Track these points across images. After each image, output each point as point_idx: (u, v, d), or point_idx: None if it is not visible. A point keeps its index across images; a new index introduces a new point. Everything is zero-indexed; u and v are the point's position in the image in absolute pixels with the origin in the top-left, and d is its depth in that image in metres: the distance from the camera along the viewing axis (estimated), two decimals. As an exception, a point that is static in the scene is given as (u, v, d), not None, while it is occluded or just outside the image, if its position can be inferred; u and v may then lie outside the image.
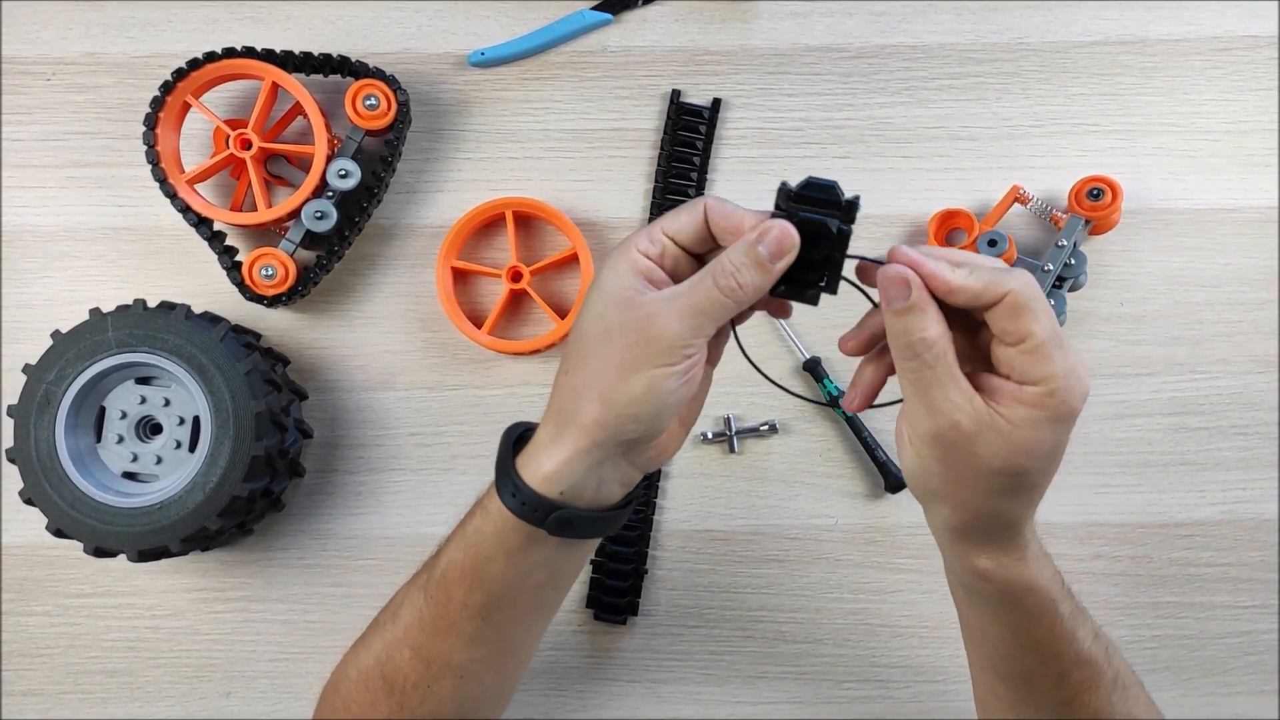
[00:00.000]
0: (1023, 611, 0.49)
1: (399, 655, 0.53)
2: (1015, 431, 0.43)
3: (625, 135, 0.77)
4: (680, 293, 0.45)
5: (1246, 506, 0.74)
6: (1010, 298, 0.42)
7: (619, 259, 0.46)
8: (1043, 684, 0.51)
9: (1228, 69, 0.77)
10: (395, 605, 0.55)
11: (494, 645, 0.54)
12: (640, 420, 0.46)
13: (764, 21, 0.77)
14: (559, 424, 0.47)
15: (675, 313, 0.44)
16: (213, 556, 0.74)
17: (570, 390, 0.47)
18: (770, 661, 0.74)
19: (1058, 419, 0.43)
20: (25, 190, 0.76)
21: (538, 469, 0.47)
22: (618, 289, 0.46)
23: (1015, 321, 0.42)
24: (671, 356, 0.45)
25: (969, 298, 0.43)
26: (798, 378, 0.75)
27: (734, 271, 0.44)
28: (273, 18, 0.77)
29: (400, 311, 0.76)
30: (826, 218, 0.44)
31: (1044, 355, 0.42)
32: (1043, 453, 0.44)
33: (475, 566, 0.51)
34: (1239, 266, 0.76)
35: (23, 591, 0.74)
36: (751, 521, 0.75)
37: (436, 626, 0.52)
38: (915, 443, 0.46)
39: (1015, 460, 0.43)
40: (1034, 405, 0.43)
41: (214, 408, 0.66)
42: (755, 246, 0.44)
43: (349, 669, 0.56)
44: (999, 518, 0.46)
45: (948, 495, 0.46)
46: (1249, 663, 0.74)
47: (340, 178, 0.72)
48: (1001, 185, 0.75)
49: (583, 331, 0.47)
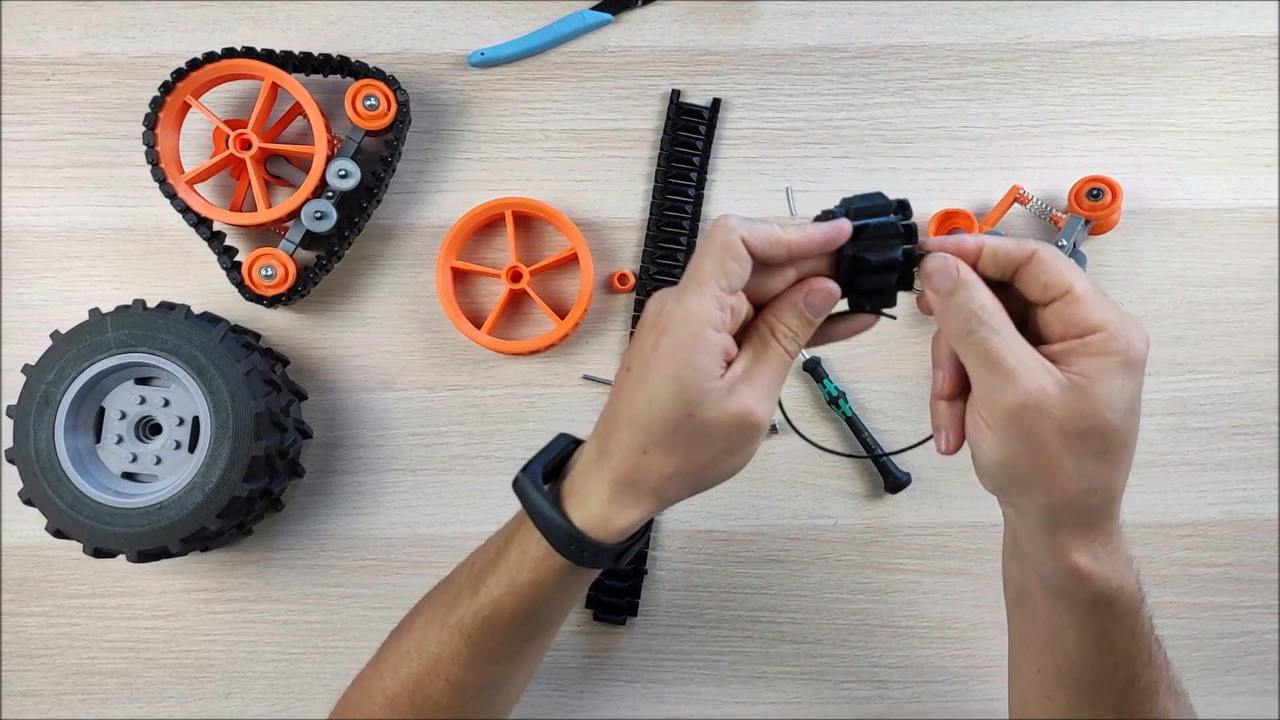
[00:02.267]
0: (1112, 614, 0.47)
1: (430, 685, 0.53)
2: (1094, 384, 0.42)
3: (625, 135, 0.77)
4: (757, 371, 0.46)
5: (1247, 506, 0.74)
6: (1039, 253, 0.44)
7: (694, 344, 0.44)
8: (1111, 690, 0.49)
9: (1228, 69, 0.77)
10: (420, 637, 0.54)
11: (532, 659, 0.56)
12: (727, 478, 0.48)
13: (764, 21, 0.77)
14: (633, 492, 0.47)
15: (765, 396, 0.46)
16: (212, 557, 0.74)
17: (655, 473, 0.47)
18: (770, 662, 0.74)
19: (1128, 364, 0.43)
20: (25, 190, 0.76)
21: (605, 528, 0.48)
22: (703, 380, 0.44)
23: (1054, 275, 0.43)
24: (764, 434, 0.46)
25: (1003, 256, 0.44)
26: (799, 379, 0.75)
27: (794, 335, 0.46)
28: (273, 18, 0.77)
29: (400, 312, 0.76)
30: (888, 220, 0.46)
31: (1092, 301, 0.43)
32: (1123, 405, 0.43)
33: (530, 611, 0.51)
34: (1239, 266, 0.76)
35: (22, 592, 0.74)
36: (751, 521, 0.75)
37: (475, 660, 0.52)
38: (995, 426, 0.44)
39: (1102, 416, 0.43)
40: (1101, 353, 0.42)
41: (213, 408, 0.66)
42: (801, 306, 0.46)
43: (371, 693, 0.56)
44: (1094, 494, 0.45)
45: (1040, 476, 0.44)
46: (1250, 663, 0.74)
47: (340, 178, 0.72)
48: (1001, 185, 0.75)
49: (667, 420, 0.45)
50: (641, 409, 0.45)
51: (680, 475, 0.46)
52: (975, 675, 0.74)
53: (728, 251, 0.44)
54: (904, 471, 0.73)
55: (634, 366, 0.46)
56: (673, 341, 0.44)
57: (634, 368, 0.46)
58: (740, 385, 0.45)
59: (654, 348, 0.45)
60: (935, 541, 0.74)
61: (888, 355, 0.75)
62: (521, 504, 0.50)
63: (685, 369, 0.44)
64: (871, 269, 0.46)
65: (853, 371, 0.74)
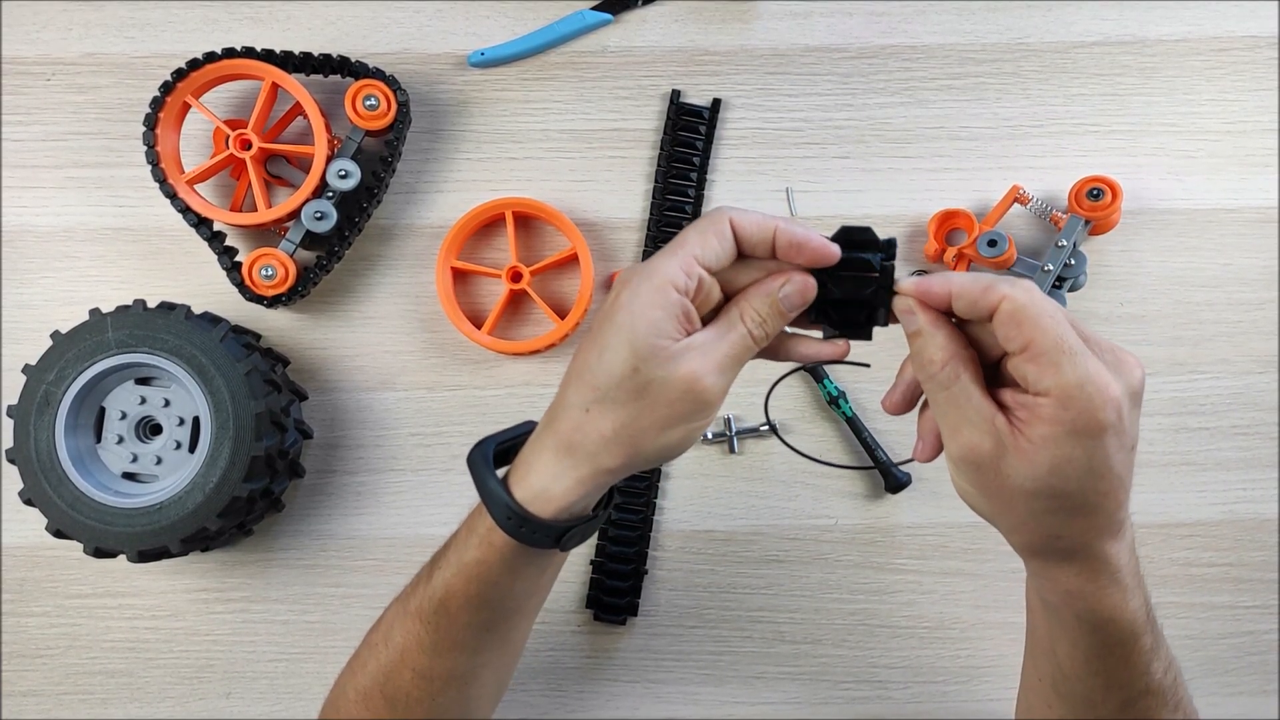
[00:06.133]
0: (1100, 639, 0.46)
1: (399, 676, 0.53)
2: (1038, 451, 0.40)
3: (625, 135, 0.77)
4: (715, 344, 0.45)
5: (1247, 506, 0.74)
6: (1006, 303, 0.41)
7: (652, 297, 0.43)
8: (1104, 709, 0.49)
9: (1228, 69, 0.77)
10: (386, 628, 0.55)
11: (496, 650, 0.54)
12: (667, 459, 0.47)
13: (764, 21, 0.77)
14: (571, 455, 0.46)
15: (717, 367, 0.44)
16: (213, 557, 0.74)
17: (594, 432, 0.45)
18: (769, 662, 0.74)
19: (1080, 433, 0.40)
20: (25, 190, 0.76)
21: (544, 499, 0.47)
22: (653, 336, 0.43)
23: (1017, 329, 0.41)
24: (712, 411, 0.45)
25: (968, 303, 0.43)
26: (798, 378, 0.75)
27: (762, 321, 0.45)
28: (273, 18, 0.77)
29: (400, 312, 0.76)
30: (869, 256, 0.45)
31: (1049, 363, 0.40)
32: (1075, 472, 0.41)
33: (481, 592, 0.50)
34: (1239, 266, 0.76)
35: (23, 592, 0.74)
36: (751, 521, 0.75)
37: (439, 648, 0.52)
38: (950, 467, 0.45)
39: (1047, 482, 0.41)
40: (1049, 420, 0.40)
41: (214, 408, 0.66)
42: (776, 296, 0.45)
43: (346, 690, 0.56)
44: (1060, 540, 0.43)
45: (995, 518, 0.45)
46: (1250, 663, 0.74)
47: (340, 178, 0.72)
48: (1001, 185, 0.75)
49: (612, 375, 0.44)
50: (591, 361, 0.45)
51: (618, 439, 0.45)
52: (975, 675, 0.74)
53: (712, 227, 0.45)
54: (904, 472, 0.73)
55: (594, 324, 0.46)
56: (631, 294, 0.44)
57: (593, 325, 0.46)
58: (693, 352, 0.44)
59: (613, 303, 0.45)
60: (935, 542, 0.74)
61: (888, 356, 0.74)
62: (472, 480, 0.49)
63: (638, 320, 0.43)
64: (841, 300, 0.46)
65: (853, 372, 0.74)
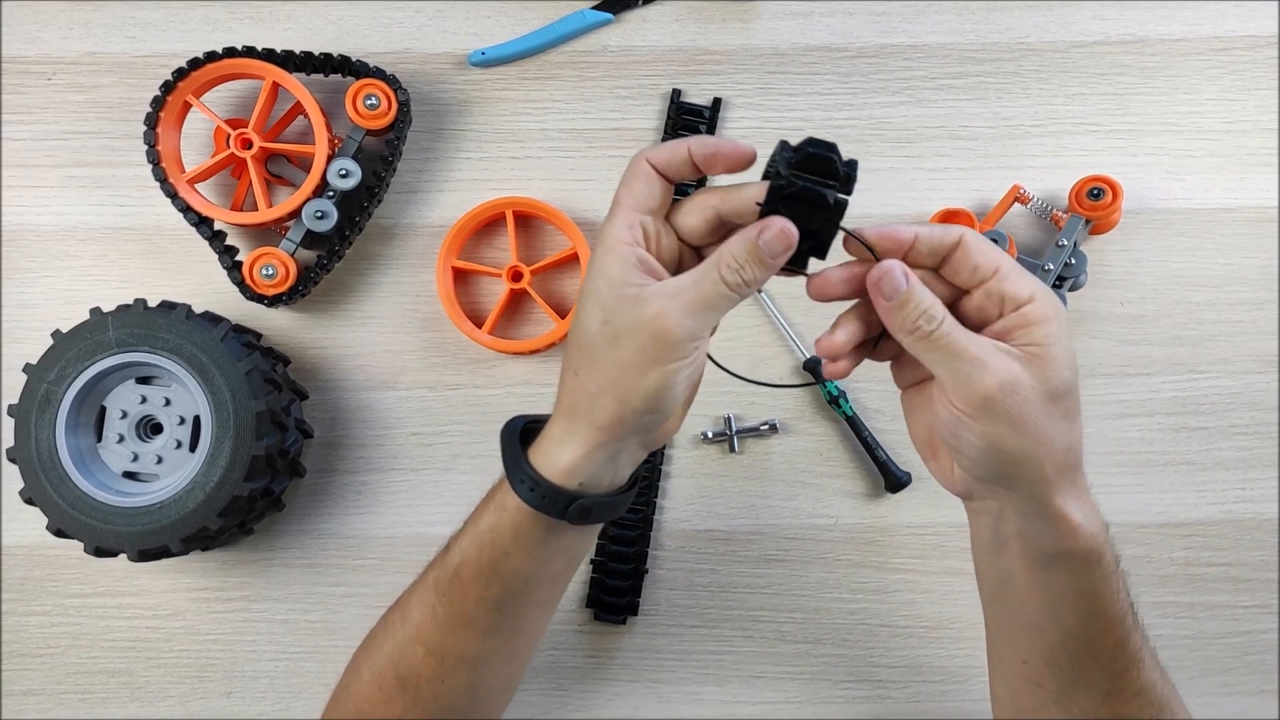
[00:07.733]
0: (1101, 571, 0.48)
1: (412, 654, 0.54)
2: (1047, 350, 0.44)
3: (625, 135, 0.77)
4: (685, 288, 0.45)
5: (1246, 506, 0.74)
6: (965, 238, 0.45)
7: (607, 257, 0.46)
8: (1103, 654, 0.50)
9: (1228, 69, 0.77)
10: (404, 605, 0.55)
11: (509, 635, 0.55)
12: (655, 411, 0.47)
13: (764, 21, 0.77)
14: (571, 420, 0.48)
15: (683, 309, 0.45)
16: (213, 556, 0.74)
17: (582, 392, 0.47)
18: (770, 661, 0.74)
19: (1062, 324, 0.45)
20: (25, 190, 0.76)
21: (553, 463, 0.48)
22: (617, 288, 0.46)
23: (983, 257, 0.45)
24: (683, 351, 0.45)
25: (936, 243, 0.45)
26: (798, 378, 0.75)
27: (738, 268, 0.45)
28: (273, 17, 0.77)
29: (400, 311, 0.76)
30: (824, 189, 0.44)
31: (1019, 275, 0.45)
32: (1073, 361, 0.45)
33: (493, 562, 0.51)
34: (1239, 266, 0.76)
35: (23, 591, 0.74)
36: (751, 521, 0.75)
37: (451, 623, 0.53)
38: (975, 414, 0.44)
39: (1062, 377, 0.45)
40: (1042, 320, 0.44)
41: (214, 407, 0.66)
42: (756, 243, 0.45)
43: (360, 670, 0.57)
44: (1071, 451, 0.47)
45: (1029, 448, 0.45)
46: (1249, 663, 0.74)
47: (341, 177, 0.72)
48: (1002, 185, 0.75)
49: (588, 333, 0.46)
50: (572, 332, 0.48)
51: (603, 391, 0.46)
52: (974, 675, 0.74)
53: (633, 174, 0.47)
54: (904, 471, 0.73)
55: None
56: (591, 263, 0.47)
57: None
58: (659, 295, 0.45)
59: (583, 280, 0.48)
60: (934, 541, 0.74)
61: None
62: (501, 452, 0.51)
63: (599, 278, 0.46)
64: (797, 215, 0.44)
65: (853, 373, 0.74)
